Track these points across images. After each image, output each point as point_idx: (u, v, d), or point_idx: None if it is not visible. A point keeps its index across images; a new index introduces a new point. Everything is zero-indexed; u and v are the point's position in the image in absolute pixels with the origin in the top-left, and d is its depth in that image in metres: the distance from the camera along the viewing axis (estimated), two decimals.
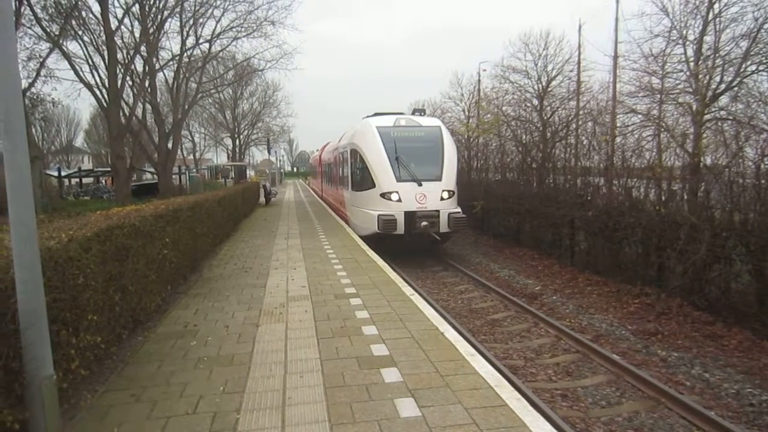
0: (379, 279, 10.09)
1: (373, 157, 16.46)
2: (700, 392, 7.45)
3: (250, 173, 70.55)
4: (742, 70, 14.17)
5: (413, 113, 19.04)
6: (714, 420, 6.31)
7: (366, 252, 13.33)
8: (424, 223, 15.30)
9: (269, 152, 70.78)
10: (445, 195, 15.93)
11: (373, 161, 16.41)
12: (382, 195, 15.83)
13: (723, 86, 14.47)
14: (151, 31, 25.74)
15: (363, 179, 17.19)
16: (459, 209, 16.29)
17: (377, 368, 5.66)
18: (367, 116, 18.82)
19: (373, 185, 16.25)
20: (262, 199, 33.74)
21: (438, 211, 15.62)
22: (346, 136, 21.72)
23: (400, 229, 15.33)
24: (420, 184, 15.72)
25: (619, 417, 6.72)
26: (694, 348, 9.01)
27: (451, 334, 6.75)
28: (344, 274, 10.61)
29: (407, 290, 9.17)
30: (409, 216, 15.44)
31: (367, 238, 15.77)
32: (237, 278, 10.49)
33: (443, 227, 15.65)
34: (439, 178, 16.06)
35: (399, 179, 15.77)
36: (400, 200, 15.60)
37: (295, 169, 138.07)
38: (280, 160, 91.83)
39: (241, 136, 65.33)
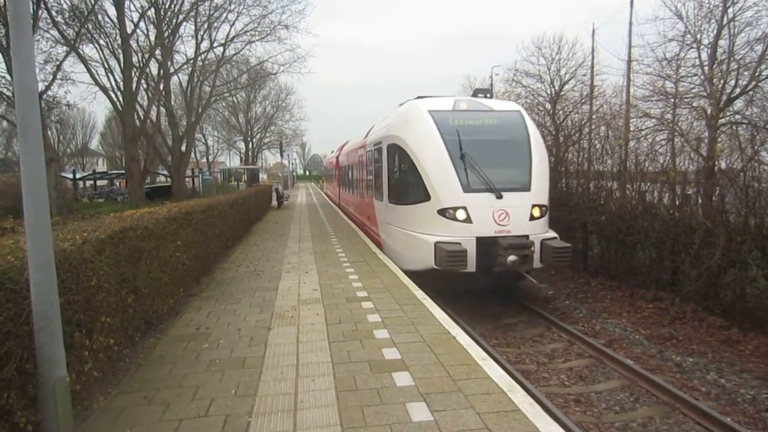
0: (391, 282, 10.07)
1: (427, 154, 11.45)
2: (715, 398, 7.37)
3: (263, 176, 70.80)
4: (757, 73, 14.06)
5: (474, 95, 13.70)
6: (730, 426, 6.23)
7: (377, 255, 13.32)
8: (512, 257, 10.15)
9: (282, 155, 71.07)
10: (537, 212, 11.06)
11: (427, 161, 11.38)
12: (442, 212, 10.88)
13: (738, 90, 14.37)
14: (166, 34, 25.92)
15: (409, 187, 12.20)
16: (555, 233, 11.55)
17: (389, 372, 5.64)
18: (408, 100, 14.05)
19: (427, 197, 11.20)
20: (274, 202, 33.83)
21: (527, 236, 10.75)
22: (378, 128, 16.43)
23: (472, 264, 10.37)
24: (499, 196, 10.77)
25: (634, 423, 6.66)
26: (710, 353, 8.92)
27: (463, 338, 6.72)
28: (356, 277, 10.61)
29: (419, 294, 9.15)
30: (485, 245, 10.50)
31: (415, 274, 10.89)
32: (249, 281, 10.52)
33: (536, 261, 10.77)
34: (526, 187, 11.16)
35: (467, 188, 10.84)
36: (469, 220, 10.71)
37: (307, 173, 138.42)
38: (292, 164, 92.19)
39: (254, 140, 65.62)
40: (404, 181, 12.58)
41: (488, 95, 13.88)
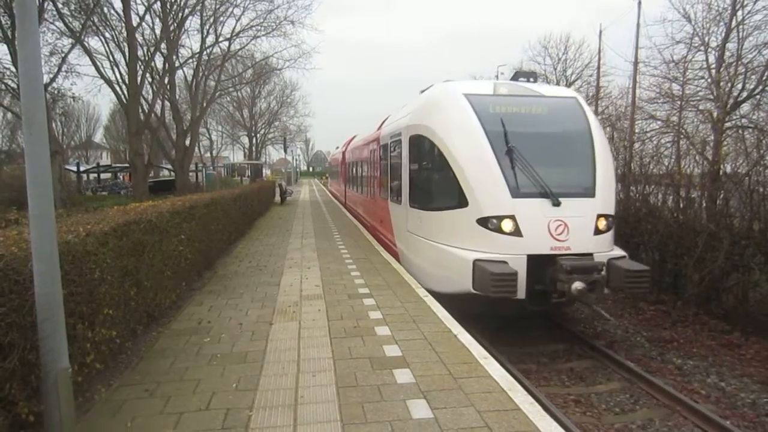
0: (393, 280, 10.07)
1: (464, 148, 9.21)
2: (715, 401, 7.37)
3: (266, 172, 70.88)
4: (764, 78, 14.06)
5: (515, 78, 11.28)
6: (730, 429, 6.23)
7: (380, 253, 13.31)
8: (578, 284, 7.87)
9: (285, 151, 71.14)
10: (602, 224, 8.84)
11: (463, 157, 9.14)
12: (483, 221, 8.70)
13: (745, 94, 14.37)
14: (171, 28, 25.95)
15: (438, 189, 10.19)
16: (622, 251, 9.31)
17: (390, 369, 5.65)
18: (432, 85, 11.68)
19: (462, 202, 9.02)
20: (277, 198, 33.87)
21: (591, 255, 8.60)
22: (395, 117, 13.82)
23: (521, 290, 8.18)
24: (556, 203, 8.59)
25: (633, 424, 6.66)
26: (710, 356, 8.92)
27: (465, 337, 6.72)
28: (358, 274, 10.61)
29: (421, 291, 9.15)
30: (538, 265, 8.39)
31: (444, 297, 8.83)
32: (251, 276, 10.53)
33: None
34: (589, 192, 8.99)
35: (516, 192, 8.66)
36: (518, 233, 8.51)
37: (311, 169, 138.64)
38: (296, 160, 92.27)
39: (258, 135, 65.70)
40: (431, 181, 10.48)
41: (531, 79, 11.26)
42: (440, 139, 9.63)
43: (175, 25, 26.39)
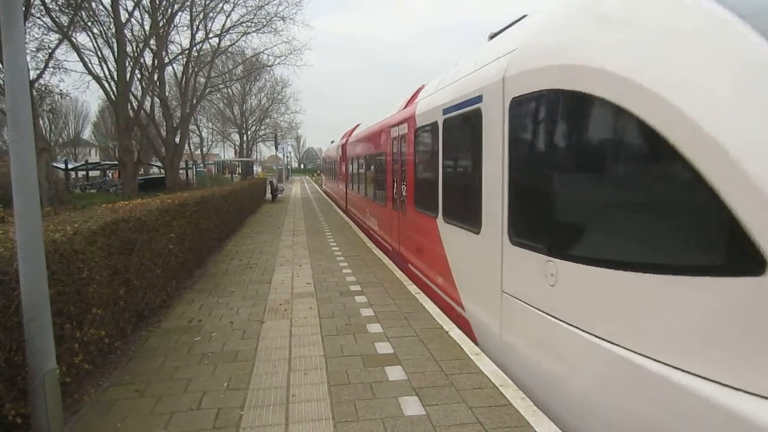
0: (385, 277, 10.05)
1: (742, 117, 3.00)
2: None
3: (257, 169, 70.58)
4: None
5: None
6: None
7: (372, 250, 13.29)
8: None
9: (276, 148, 70.86)
10: None
11: (745, 140, 2.93)
12: None
13: None
14: (160, 24, 25.77)
15: (626, 214, 3.90)
16: None
17: (381, 366, 5.63)
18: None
19: (744, 259, 2.86)
20: (268, 195, 33.75)
21: None
22: (449, 80, 8.02)
23: None
24: None
25: None
26: None
27: (456, 333, 6.71)
28: (349, 271, 10.58)
29: (412, 288, 9.13)
30: None
31: None
32: (242, 274, 10.48)
33: None
34: None
35: None
36: None
37: (302, 166, 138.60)
38: (287, 157, 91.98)
39: (249, 132, 65.46)
40: (597, 196, 4.29)
41: None
42: (651, 98, 3.55)
43: (165, 20, 26.21)
